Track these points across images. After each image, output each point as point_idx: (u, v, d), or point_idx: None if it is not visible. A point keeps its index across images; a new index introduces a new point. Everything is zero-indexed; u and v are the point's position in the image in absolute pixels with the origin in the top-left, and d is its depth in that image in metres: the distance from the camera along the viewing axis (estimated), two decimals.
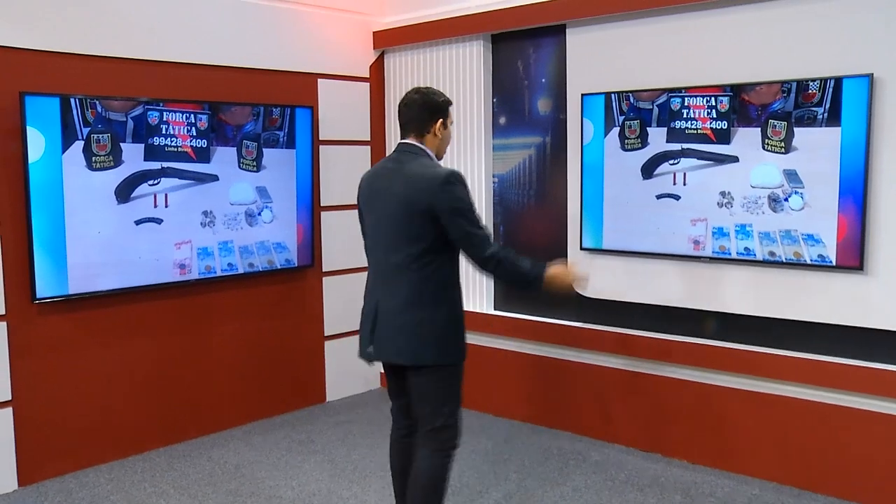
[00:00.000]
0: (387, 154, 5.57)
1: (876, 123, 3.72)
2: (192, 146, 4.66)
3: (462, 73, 5.28)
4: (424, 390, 3.13)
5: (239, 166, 4.89)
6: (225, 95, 4.86)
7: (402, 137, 3.23)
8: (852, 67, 3.75)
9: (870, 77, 3.68)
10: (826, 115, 3.81)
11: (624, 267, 4.63)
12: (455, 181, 3.01)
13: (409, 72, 5.60)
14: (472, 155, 5.27)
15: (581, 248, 4.74)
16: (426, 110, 3.16)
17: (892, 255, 3.74)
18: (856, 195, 3.77)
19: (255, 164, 4.97)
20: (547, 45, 4.95)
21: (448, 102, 3.23)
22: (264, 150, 5.01)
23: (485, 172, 5.25)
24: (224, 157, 4.82)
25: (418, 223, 3.02)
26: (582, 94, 4.66)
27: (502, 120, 5.24)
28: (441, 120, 3.19)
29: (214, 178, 4.78)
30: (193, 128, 4.66)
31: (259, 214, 5.03)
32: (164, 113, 4.52)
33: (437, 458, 3.16)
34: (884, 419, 3.78)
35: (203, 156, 4.72)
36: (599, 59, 4.64)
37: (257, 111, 4.94)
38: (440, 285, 3.09)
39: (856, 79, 3.72)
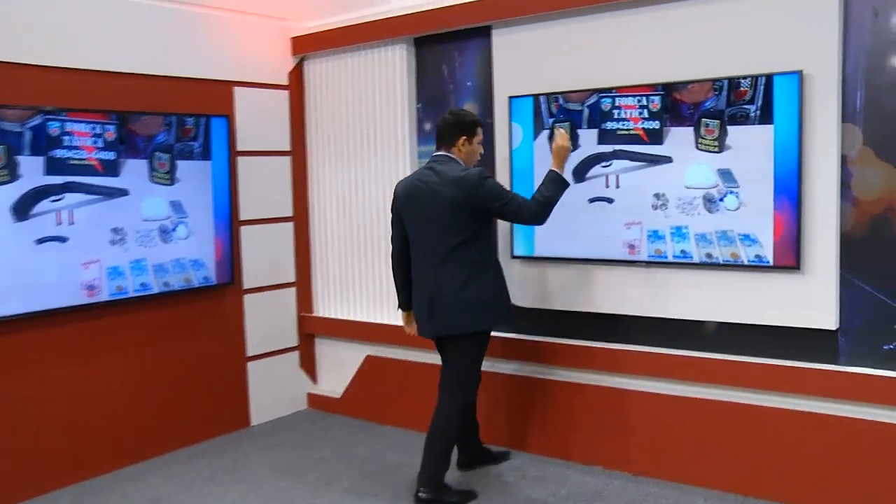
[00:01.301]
0: (313, 164, 5.46)
1: (807, 120, 3.66)
2: (98, 159, 4.35)
3: (385, 79, 5.09)
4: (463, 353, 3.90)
5: (151, 179, 4.60)
6: (134, 104, 4.56)
7: (437, 150, 3.94)
8: (782, 64, 3.69)
9: (799, 73, 3.63)
10: (758, 112, 3.74)
11: (557, 275, 4.49)
12: (485, 177, 3.75)
13: (330, 78, 5.38)
14: (395, 163, 5.08)
15: (512, 257, 4.58)
16: (455, 127, 3.89)
17: (828, 252, 3.68)
18: (790, 193, 3.70)
19: (168, 176, 4.68)
20: (472, 48, 4.79)
21: (476, 123, 3.94)
22: (178, 161, 4.72)
23: None
24: (134, 170, 4.52)
25: (461, 216, 3.75)
26: (509, 97, 4.52)
27: (427, 126, 5.05)
28: (465, 136, 3.88)
29: (124, 192, 4.48)
30: (100, 139, 4.35)
31: (174, 230, 4.74)
32: (67, 123, 4.21)
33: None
34: (824, 420, 3.70)
35: (111, 169, 4.42)
36: (527, 61, 4.50)
37: (170, 121, 4.66)
38: (483, 262, 3.85)
39: (786, 75, 3.66)
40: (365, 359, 5.30)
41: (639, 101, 4.05)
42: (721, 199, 3.86)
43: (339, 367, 5.54)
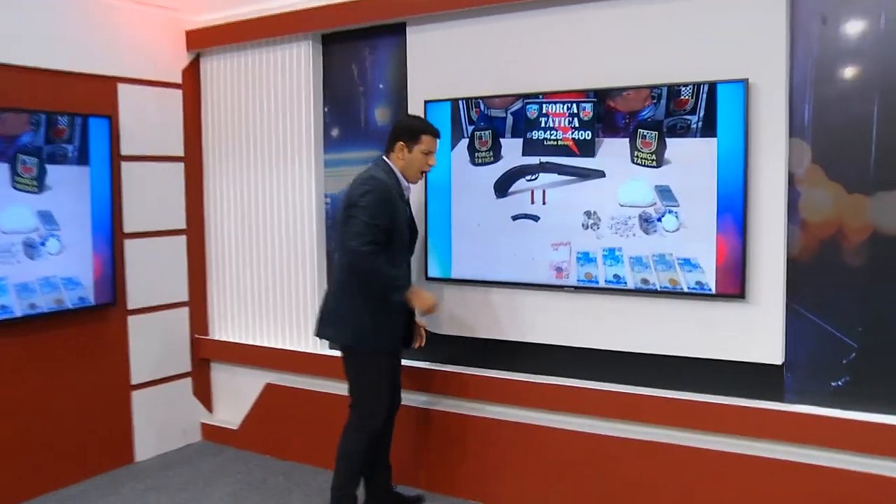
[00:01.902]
0: (209, 171, 4.97)
1: (753, 133, 3.35)
2: None
3: (289, 79, 4.63)
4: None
5: (13, 186, 4.00)
6: None
7: None
8: (727, 72, 3.36)
9: (745, 82, 3.31)
10: (700, 124, 3.39)
11: (476, 299, 4.08)
12: (365, 193, 3.42)
13: (228, 77, 4.88)
14: (299, 171, 4.62)
15: (427, 279, 4.16)
16: (394, 130, 3.61)
17: (775, 280, 3.37)
18: (735, 213, 3.37)
19: (35, 183, 4.08)
20: (385, 46, 4.37)
21: (422, 130, 3.57)
22: (48, 166, 4.13)
23: (315, 192, 4.59)
24: None
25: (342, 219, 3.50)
26: (425, 101, 4.09)
27: (335, 132, 4.61)
28: (403, 142, 3.55)
29: None
30: None
31: (43, 244, 4.15)
32: None
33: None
34: (766, 464, 3.37)
35: None
36: (445, 62, 4.09)
37: (37, 119, 4.07)
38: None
39: (730, 84, 3.33)
40: (265, 387, 4.82)
41: (568, 108, 3.67)
42: (659, 219, 3.51)
43: (237, 395, 5.04)
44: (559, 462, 3.82)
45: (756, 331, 3.42)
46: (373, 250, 3.35)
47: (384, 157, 3.61)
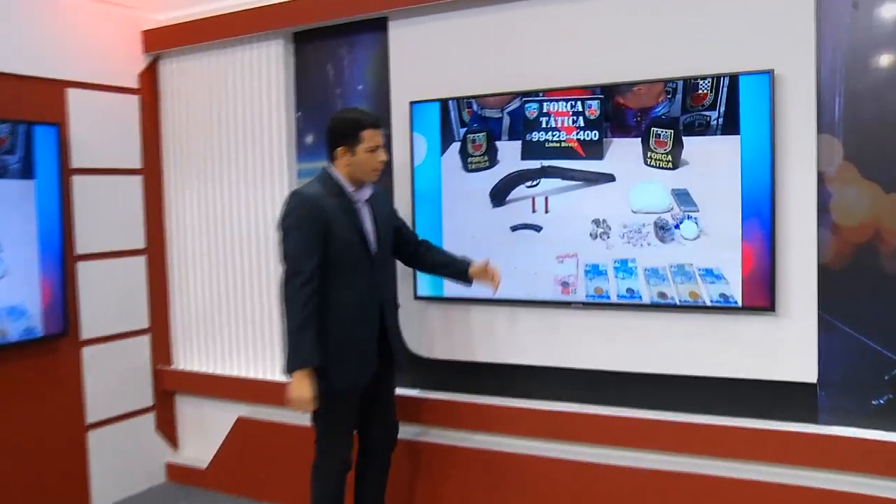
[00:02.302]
0: (170, 185, 4.56)
1: (780, 129, 3.04)
2: None
3: (257, 82, 4.25)
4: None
5: None
6: None
7: None
8: (750, 63, 3.06)
9: (770, 73, 3.00)
10: (721, 120, 3.08)
11: (472, 318, 3.73)
12: (290, 201, 3.10)
13: (190, 81, 4.48)
14: (271, 183, 4.24)
15: (416, 298, 3.80)
16: (329, 136, 3.18)
17: (806, 289, 3.07)
18: (762, 217, 3.06)
19: None
20: (364, 44, 4.00)
21: (359, 124, 3.13)
22: None
23: None
24: None
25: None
26: (411, 103, 3.74)
27: (309, 139, 4.23)
28: (344, 146, 3.13)
29: None
30: None
31: None
32: None
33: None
34: (799, 493, 3.05)
35: None
36: (432, 59, 3.74)
37: None
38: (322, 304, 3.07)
39: (754, 76, 3.03)
40: (236, 421, 4.39)
41: (573, 106, 3.34)
42: (677, 226, 3.19)
43: (206, 431, 4.61)
44: (570, 497, 3.46)
45: (787, 346, 3.11)
46: (303, 281, 2.99)
47: (327, 166, 3.21)
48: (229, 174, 4.38)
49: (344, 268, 3.11)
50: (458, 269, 3.39)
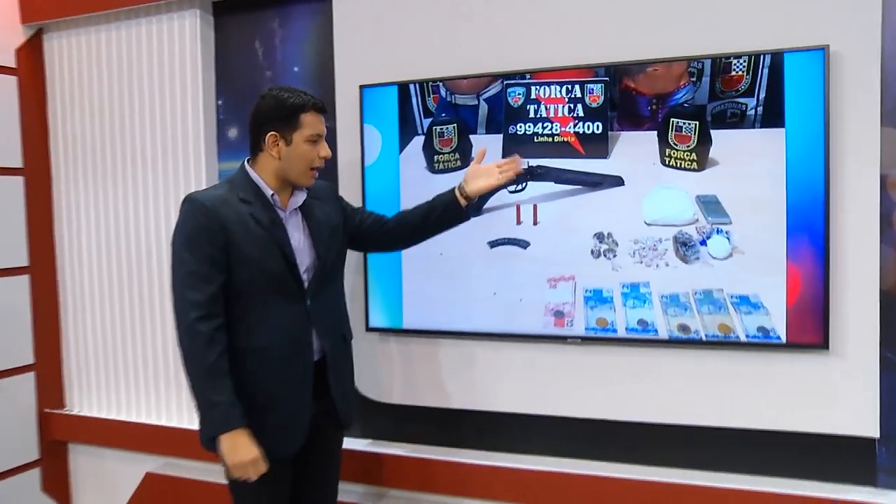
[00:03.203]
0: (61, 188, 3.86)
1: (835, 121, 2.44)
2: None
3: (167, 62, 3.52)
4: None
5: None
6: None
7: None
8: (798, 37, 2.47)
9: (824, 50, 2.41)
10: (760, 109, 2.47)
11: (440, 354, 3.06)
12: (181, 210, 2.41)
13: (84, 60, 3.70)
14: (185, 185, 3.51)
15: (367, 329, 3.12)
16: (255, 122, 2.49)
17: (867, 322, 2.49)
18: (813, 233, 2.46)
19: None
20: (302, 16, 3.32)
21: (294, 107, 2.43)
22: None
23: None
24: None
25: None
26: (361, 87, 3.06)
27: (233, 132, 3.52)
28: (275, 133, 2.44)
29: None
30: None
31: None
32: None
33: None
34: None
35: None
36: (390, 32, 3.06)
37: None
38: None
39: (803, 53, 2.43)
40: (144, 477, 3.66)
41: (569, 91, 2.69)
42: (703, 242, 2.57)
43: (106, 488, 3.86)
44: None
45: (842, 392, 2.53)
46: (199, 316, 2.30)
47: (245, 163, 2.52)
48: (135, 176, 3.63)
49: (258, 299, 2.39)
50: (445, 202, 2.59)
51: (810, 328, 2.49)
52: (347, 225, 2.63)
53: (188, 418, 3.55)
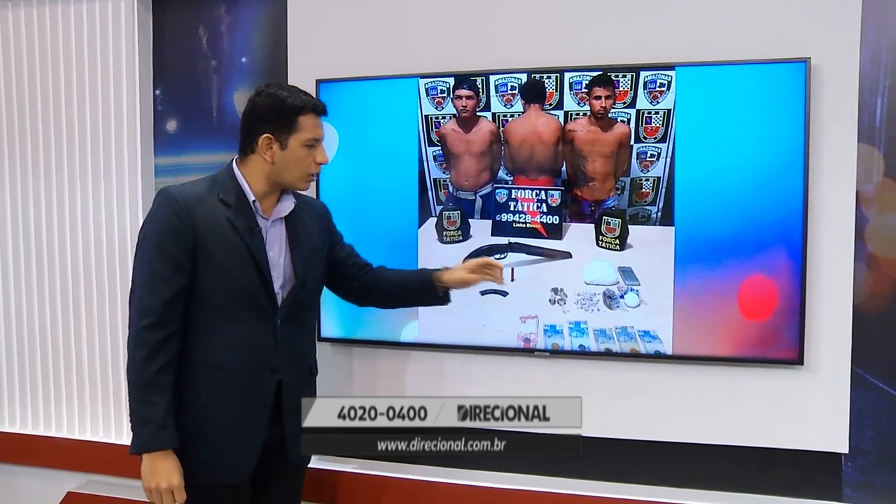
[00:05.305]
0: None
1: (815, 134, 2.53)
2: None
3: (99, 48, 3.32)
4: None
5: None
6: None
7: None
8: (783, 48, 2.57)
9: (807, 63, 2.53)
10: (659, 214, 2.62)
11: (408, 365, 3.12)
12: (154, 202, 2.33)
13: (3, 42, 3.47)
14: (118, 183, 3.35)
15: (319, 339, 3.09)
16: (248, 120, 2.37)
17: (840, 338, 2.63)
18: (791, 245, 2.58)
19: None
20: (251, 1, 3.21)
21: (293, 107, 2.33)
22: None
23: (140, 212, 3.34)
24: None
25: None
26: (317, 81, 3.00)
27: (171, 125, 3.36)
28: (270, 135, 2.32)
29: None
30: None
31: None
32: None
33: None
34: None
35: None
36: (349, 23, 3.03)
37: None
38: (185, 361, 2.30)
39: (787, 65, 2.55)
40: (65, 497, 3.46)
41: (537, 194, 3.02)
42: (622, 297, 2.94)
43: None
44: None
45: (814, 408, 2.65)
46: (149, 323, 2.19)
47: (233, 162, 2.41)
48: (59, 170, 3.42)
49: (224, 312, 2.27)
50: (422, 281, 2.62)
51: (786, 344, 2.62)
52: (331, 256, 2.55)
53: (115, 431, 3.35)
